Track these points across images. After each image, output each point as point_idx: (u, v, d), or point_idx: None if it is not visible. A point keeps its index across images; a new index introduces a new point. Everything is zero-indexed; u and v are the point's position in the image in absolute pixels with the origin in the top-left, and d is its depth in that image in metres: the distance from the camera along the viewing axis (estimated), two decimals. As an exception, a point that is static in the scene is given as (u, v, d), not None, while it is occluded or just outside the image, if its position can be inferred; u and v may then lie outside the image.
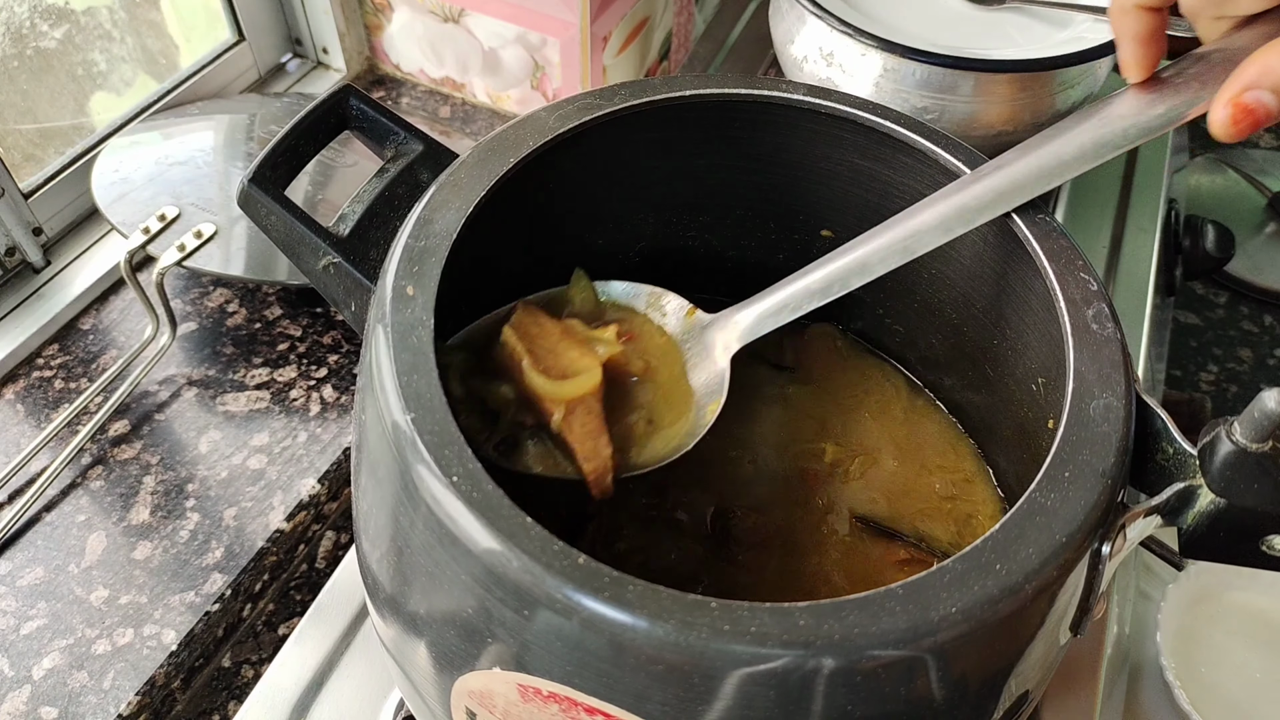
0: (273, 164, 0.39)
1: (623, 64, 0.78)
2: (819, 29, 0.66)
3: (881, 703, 0.28)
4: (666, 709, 0.28)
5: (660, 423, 0.39)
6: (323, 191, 0.69)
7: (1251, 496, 0.31)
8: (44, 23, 0.68)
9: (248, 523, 0.57)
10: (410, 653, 0.35)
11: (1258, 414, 0.29)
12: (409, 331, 0.33)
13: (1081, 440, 0.31)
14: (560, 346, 0.38)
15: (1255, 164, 1.21)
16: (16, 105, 0.68)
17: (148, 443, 0.60)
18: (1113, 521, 0.31)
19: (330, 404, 0.63)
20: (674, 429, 0.39)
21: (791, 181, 0.47)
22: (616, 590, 0.27)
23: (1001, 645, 0.30)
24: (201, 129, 0.73)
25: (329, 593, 0.54)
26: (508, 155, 0.39)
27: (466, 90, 0.84)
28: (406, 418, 0.30)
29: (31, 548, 0.55)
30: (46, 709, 0.50)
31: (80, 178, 0.69)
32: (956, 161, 0.40)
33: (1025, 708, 0.36)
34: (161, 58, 0.78)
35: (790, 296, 0.39)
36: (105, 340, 0.65)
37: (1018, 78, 0.64)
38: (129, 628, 0.53)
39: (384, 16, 0.82)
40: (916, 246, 0.37)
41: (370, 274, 0.39)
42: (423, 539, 0.30)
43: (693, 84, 0.42)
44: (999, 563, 0.28)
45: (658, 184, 0.47)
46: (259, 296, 0.68)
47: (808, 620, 0.27)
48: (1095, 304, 0.35)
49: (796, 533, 0.44)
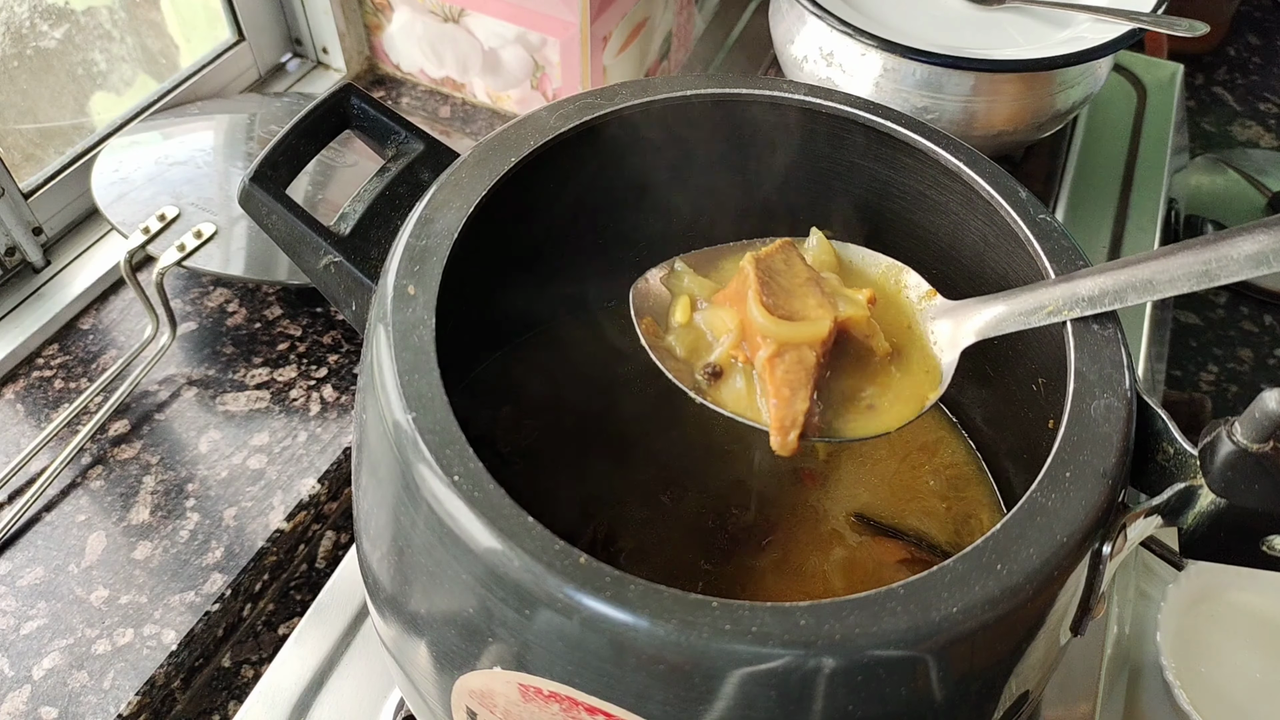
0: (274, 163, 0.39)
1: (623, 64, 0.78)
2: (819, 29, 0.66)
3: (882, 703, 0.28)
4: (667, 709, 0.28)
5: (881, 407, 0.37)
6: (323, 191, 0.69)
7: (1252, 497, 0.31)
8: (44, 23, 0.68)
9: (248, 522, 0.57)
10: (411, 652, 0.35)
11: (1258, 414, 0.29)
12: (410, 331, 0.33)
13: (1082, 440, 0.31)
14: (801, 290, 0.37)
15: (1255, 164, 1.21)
16: (16, 105, 0.68)
17: (148, 442, 0.60)
18: (1113, 522, 0.31)
19: (330, 404, 0.63)
20: (890, 414, 0.37)
21: (791, 181, 0.47)
22: (617, 590, 0.27)
23: (1002, 645, 0.30)
24: (201, 129, 0.73)
25: (329, 592, 0.54)
26: (509, 155, 0.39)
27: (466, 90, 0.84)
28: (408, 417, 0.30)
29: (31, 548, 0.55)
30: (46, 709, 0.50)
31: (80, 177, 0.69)
32: (957, 161, 0.40)
33: (1025, 708, 0.36)
34: (161, 57, 0.78)
35: (1052, 299, 0.35)
36: (105, 340, 0.65)
37: (1018, 78, 0.64)
38: (129, 627, 0.53)
39: (384, 16, 0.82)
40: (1219, 274, 0.32)
41: (371, 273, 0.39)
42: (423, 538, 0.30)
43: (693, 84, 0.42)
44: (1000, 563, 0.28)
45: (658, 184, 0.47)
46: (259, 296, 0.68)
47: (809, 620, 0.27)
48: (1096, 304, 0.35)
49: (795, 531, 0.44)
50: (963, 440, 0.49)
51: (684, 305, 0.38)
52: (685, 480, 0.46)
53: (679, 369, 0.37)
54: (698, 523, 0.44)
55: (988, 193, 0.39)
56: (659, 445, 0.47)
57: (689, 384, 0.37)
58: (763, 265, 0.37)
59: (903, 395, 0.37)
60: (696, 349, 0.38)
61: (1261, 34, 1.76)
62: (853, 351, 0.37)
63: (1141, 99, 0.89)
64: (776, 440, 0.35)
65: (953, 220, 0.43)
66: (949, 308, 0.38)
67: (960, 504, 0.46)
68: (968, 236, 0.43)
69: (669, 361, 0.37)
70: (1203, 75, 1.65)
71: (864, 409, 0.37)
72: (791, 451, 0.35)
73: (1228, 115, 1.52)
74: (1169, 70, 0.91)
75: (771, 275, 0.37)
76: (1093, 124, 0.86)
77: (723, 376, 0.37)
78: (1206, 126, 1.36)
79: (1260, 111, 1.55)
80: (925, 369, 0.38)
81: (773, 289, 0.36)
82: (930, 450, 0.48)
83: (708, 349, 0.38)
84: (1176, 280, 0.32)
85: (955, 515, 0.46)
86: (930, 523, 0.45)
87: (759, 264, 0.37)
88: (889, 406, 0.37)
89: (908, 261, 0.47)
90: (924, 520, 0.45)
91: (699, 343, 0.38)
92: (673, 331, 0.38)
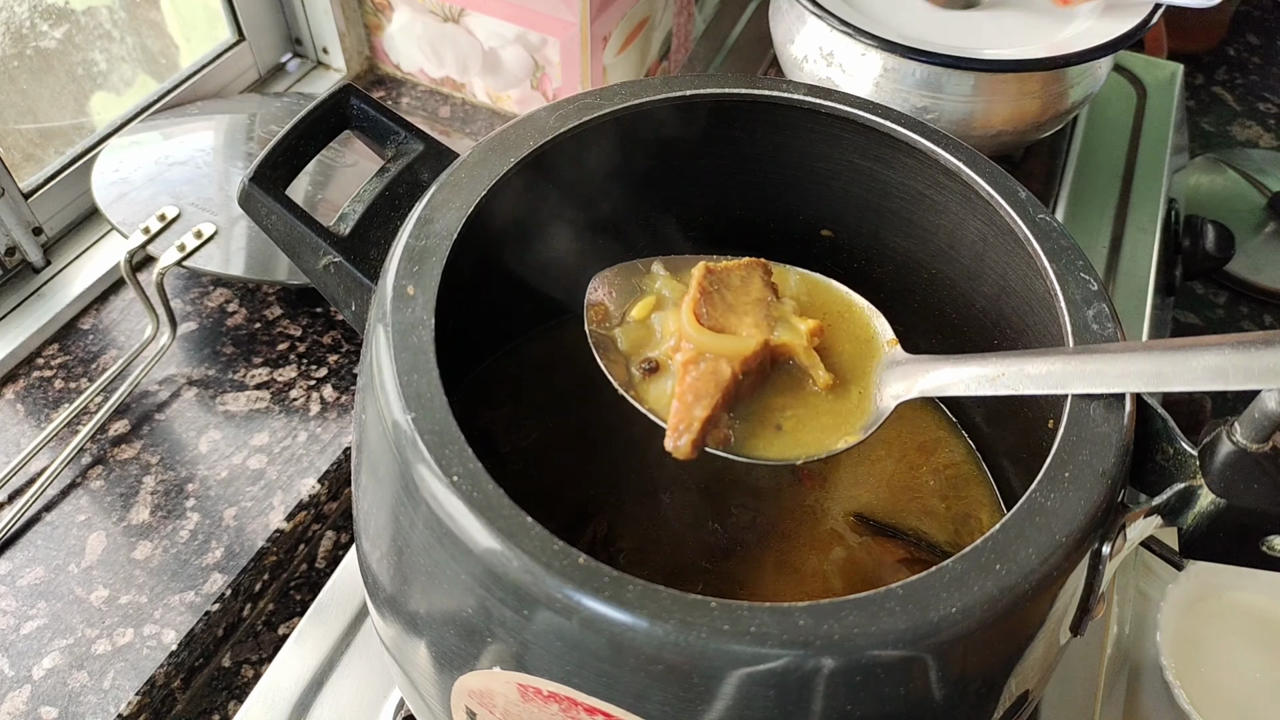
0: (274, 163, 0.39)
1: (623, 64, 0.78)
2: (819, 29, 0.66)
3: (881, 703, 0.28)
4: (666, 709, 0.28)
5: (788, 431, 0.37)
6: (323, 191, 0.69)
7: (1251, 497, 0.31)
8: (44, 22, 0.68)
9: (248, 522, 0.57)
10: (410, 652, 0.35)
11: (1258, 414, 0.29)
12: (410, 331, 0.33)
13: (1082, 440, 0.31)
14: (745, 308, 0.37)
15: (1255, 164, 1.21)
16: (17, 105, 0.68)
17: (148, 443, 0.60)
18: (1113, 522, 0.31)
19: (330, 404, 0.63)
20: (797, 445, 0.37)
21: (791, 181, 0.47)
22: (616, 590, 0.27)
23: (1001, 646, 0.30)
24: (201, 129, 0.73)
25: (329, 592, 0.54)
26: (508, 155, 0.39)
27: (466, 90, 0.84)
28: (407, 417, 0.30)
29: (31, 547, 0.55)
30: (46, 709, 0.50)
31: (80, 177, 0.69)
32: (956, 161, 0.40)
33: (1025, 708, 0.36)
34: (161, 57, 0.78)
35: (1001, 373, 0.34)
36: (105, 340, 0.65)
37: (1017, 77, 0.64)
38: (129, 627, 0.53)
39: (384, 16, 0.82)
40: (1173, 379, 0.30)
41: (371, 273, 0.39)
42: (423, 538, 0.30)
43: (693, 84, 0.42)
44: (999, 563, 0.28)
45: (658, 184, 0.47)
46: (259, 296, 0.68)
47: (807, 620, 0.27)
48: (1096, 304, 0.35)
49: (794, 531, 0.44)
50: (962, 440, 0.49)
51: (647, 304, 0.39)
52: (685, 480, 0.46)
53: (615, 361, 0.38)
54: (697, 523, 0.44)
55: (987, 193, 0.39)
56: (659, 445, 0.47)
57: (620, 376, 0.37)
58: (714, 276, 0.38)
59: (818, 428, 0.37)
60: (642, 346, 0.38)
61: (1261, 34, 1.76)
62: (794, 377, 0.38)
63: (1141, 99, 0.89)
64: (669, 442, 0.35)
65: (952, 220, 0.43)
66: (905, 360, 0.38)
67: (959, 504, 0.46)
68: (967, 236, 0.43)
69: (608, 352, 0.38)
70: (1202, 75, 1.65)
71: (771, 430, 0.37)
72: (684, 456, 0.35)
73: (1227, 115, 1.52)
74: (1169, 70, 0.92)
75: (721, 287, 0.38)
76: (1092, 124, 0.86)
77: (657, 372, 0.37)
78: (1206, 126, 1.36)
79: (1260, 111, 1.55)
80: (860, 411, 0.38)
81: (714, 300, 0.37)
82: (929, 450, 0.48)
83: (654, 347, 0.38)
84: (1127, 378, 0.31)
85: (954, 515, 0.46)
86: (929, 522, 0.45)
87: (709, 274, 0.38)
88: (798, 435, 0.37)
89: (906, 262, 0.47)
90: (923, 520, 0.45)
91: (647, 340, 0.38)
92: (624, 325, 0.39)
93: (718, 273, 0.38)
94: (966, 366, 0.35)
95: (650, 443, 0.47)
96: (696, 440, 0.35)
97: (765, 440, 0.37)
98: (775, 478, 0.46)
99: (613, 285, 0.40)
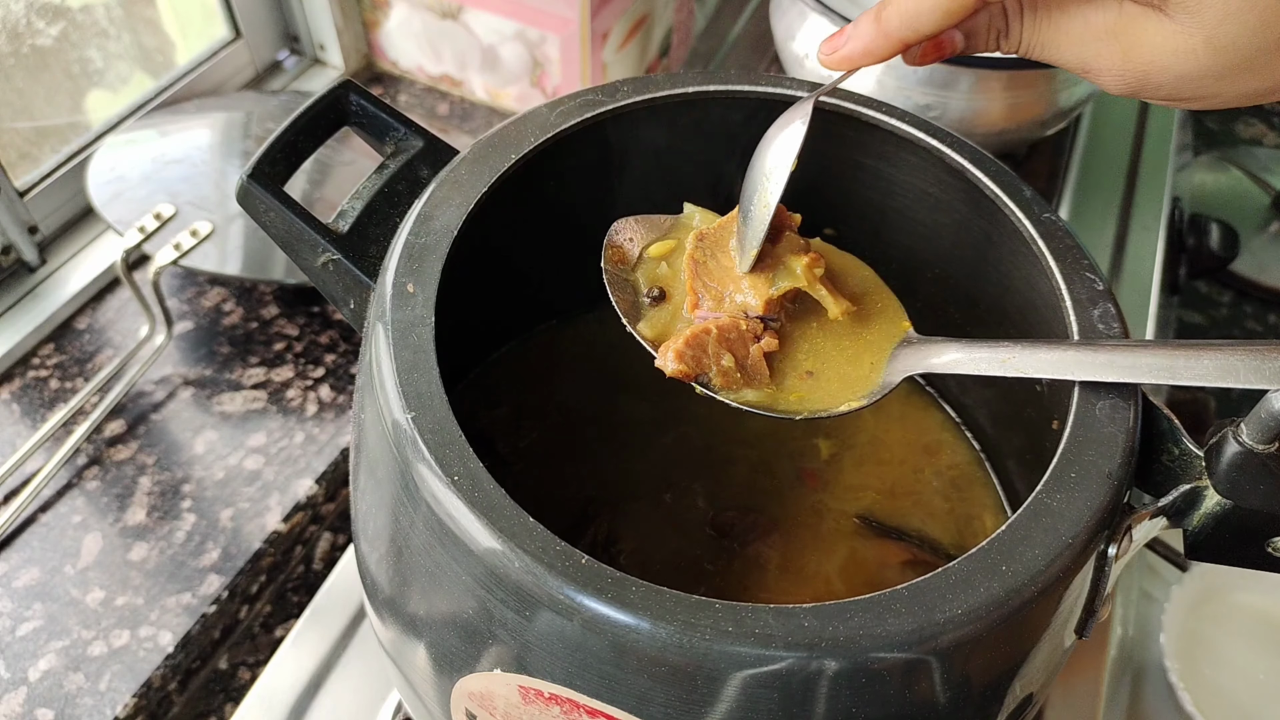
0: (272, 159, 0.39)
1: (623, 60, 0.78)
2: (821, 25, 0.66)
3: (885, 705, 0.28)
4: (669, 711, 0.28)
5: (822, 376, 0.37)
6: (320, 189, 0.68)
7: (1257, 498, 0.30)
8: (40, 20, 0.67)
9: (244, 524, 0.57)
10: (409, 654, 0.35)
11: (1264, 415, 0.29)
12: (410, 329, 0.32)
13: (1087, 441, 0.31)
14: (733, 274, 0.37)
15: (1259, 162, 1.20)
16: (12, 103, 0.67)
17: (144, 443, 0.60)
18: (1118, 523, 0.31)
19: (327, 404, 0.62)
20: (812, 395, 0.37)
21: (794, 179, 0.47)
22: (619, 591, 0.27)
23: (1006, 648, 0.30)
24: (198, 127, 0.72)
25: (326, 594, 0.54)
26: (509, 152, 0.38)
27: (465, 87, 0.83)
28: (407, 416, 0.30)
29: (27, 549, 0.55)
30: (42, 711, 0.50)
31: (76, 176, 0.69)
32: (960, 159, 0.40)
33: (1029, 710, 0.35)
34: (158, 55, 0.77)
35: (1011, 356, 0.34)
36: (101, 340, 0.65)
37: (1020, 75, 0.63)
38: (125, 629, 0.52)
39: (381, 13, 0.81)
40: (1180, 375, 0.31)
41: (370, 271, 0.38)
42: (423, 539, 0.30)
43: (694, 81, 0.42)
44: (1004, 564, 0.28)
45: (658, 181, 0.47)
46: (255, 295, 0.68)
47: (812, 622, 0.26)
48: (1101, 303, 0.35)
49: (798, 532, 0.44)
50: (966, 441, 0.48)
51: (666, 245, 0.39)
52: (687, 480, 0.45)
53: (624, 297, 0.37)
54: (699, 523, 0.44)
55: (991, 190, 0.39)
56: (661, 445, 0.47)
57: (626, 310, 0.37)
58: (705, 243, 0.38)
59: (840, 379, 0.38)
60: (653, 282, 0.38)
61: (1262, 33, 1.75)
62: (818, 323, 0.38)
63: (1143, 97, 0.88)
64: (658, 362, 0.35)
65: (956, 218, 0.43)
66: (918, 340, 0.38)
67: (964, 505, 0.46)
68: (971, 234, 0.42)
69: (619, 289, 0.38)
70: (1203, 74, 1.65)
71: (803, 375, 0.37)
72: (672, 372, 0.35)
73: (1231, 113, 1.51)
74: (1171, 68, 0.91)
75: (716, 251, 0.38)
76: (1096, 121, 0.85)
77: (663, 300, 0.37)
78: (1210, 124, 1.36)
79: (1264, 110, 1.55)
80: (869, 381, 0.38)
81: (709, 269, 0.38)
82: (933, 451, 0.48)
83: (665, 282, 0.38)
84: (1137, 370, 0.32)
85: (959, 516, 0.45)
86: (933, 524, 0.45)
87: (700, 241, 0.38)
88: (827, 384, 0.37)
89: (909, 260, 0.47)
90: (927, 521, 0.45)
91: (659, 277, 0.38)
92: (641, 265, 0.39)
93: (709, 237, 0.38)
94: (977, 349, 0.35)
95: (652, 443, 0.47)
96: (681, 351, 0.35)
97: (798, 388, 0.37)
98: (779, 479, 0.46)
99: (634, 231, 0.39)
